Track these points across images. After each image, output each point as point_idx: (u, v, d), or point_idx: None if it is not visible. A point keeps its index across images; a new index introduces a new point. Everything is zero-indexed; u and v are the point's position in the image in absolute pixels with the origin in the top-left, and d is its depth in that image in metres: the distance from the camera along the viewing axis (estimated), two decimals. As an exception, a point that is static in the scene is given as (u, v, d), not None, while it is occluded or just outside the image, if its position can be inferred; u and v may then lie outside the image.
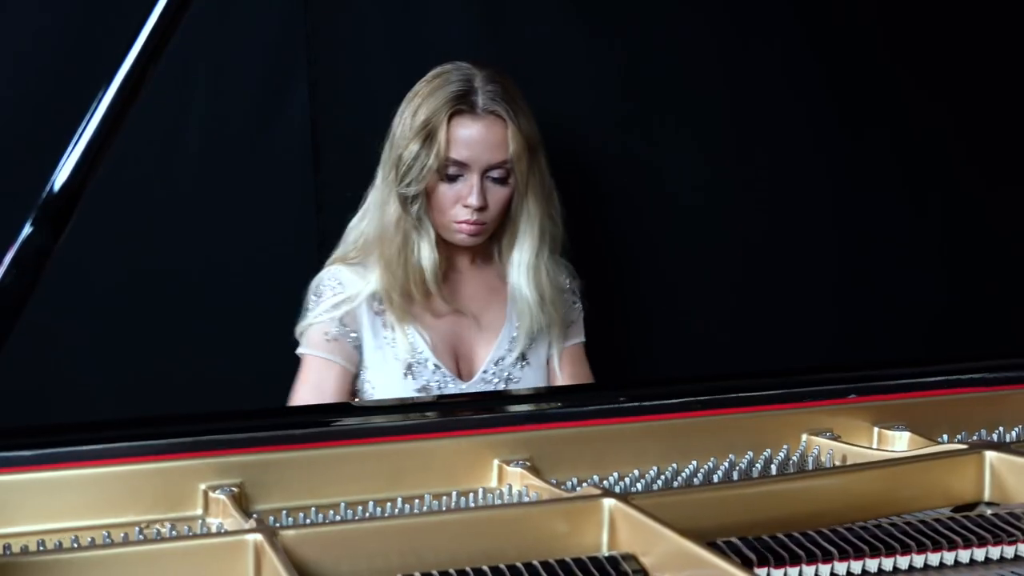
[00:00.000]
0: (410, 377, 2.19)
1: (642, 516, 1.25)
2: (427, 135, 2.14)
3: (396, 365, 2.19)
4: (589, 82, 2.71)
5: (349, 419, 1.60)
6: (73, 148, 1.10)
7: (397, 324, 2.19)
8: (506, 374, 2.26)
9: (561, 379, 2.34)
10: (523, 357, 2.29)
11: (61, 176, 1.08)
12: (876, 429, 1.70)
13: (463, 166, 2.16)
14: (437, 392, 2.18)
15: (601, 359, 2.44)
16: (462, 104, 2.15)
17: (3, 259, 1.05)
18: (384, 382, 2.20)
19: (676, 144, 2.78)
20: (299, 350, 2.21)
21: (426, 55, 2.51)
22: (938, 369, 1.79)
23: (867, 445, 1.67)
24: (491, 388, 2.24)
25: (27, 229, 1.06)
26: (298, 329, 2.23)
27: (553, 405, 1.66)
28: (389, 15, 2.55)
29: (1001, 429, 1.71)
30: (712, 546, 1.21)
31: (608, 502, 1.29)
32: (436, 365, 2.20)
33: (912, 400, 1.73)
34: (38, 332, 2.27)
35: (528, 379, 2.28)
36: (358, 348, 2.21)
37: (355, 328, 2.21)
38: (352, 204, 2.36)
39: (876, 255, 2.91)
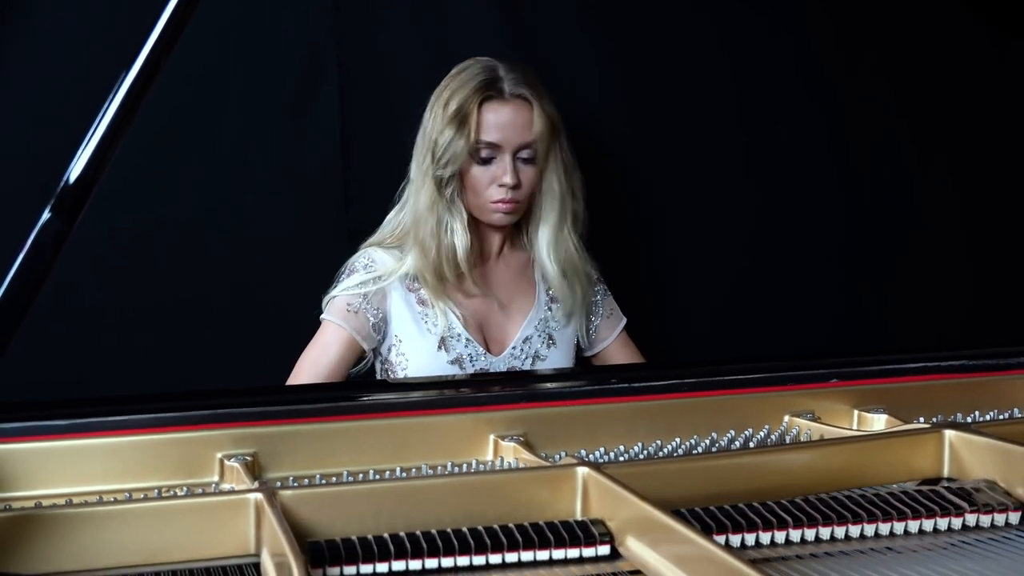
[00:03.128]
0: (443, 350, 2.30)
1: (612, 483, 1.36)
2: (460, 121, 2.27)
3: (430, 339, 2.31)
4: (607, 79, 2.81)
5: (357, 396, 1.71)
6: (88, 141, 1.21)
7: (433, 300, 2.31)
8: (534, 351, 2.38)
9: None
10: (550, 337, 2.41)
11: (76, 167, 1.20)
12: (856, 412, 1.79)
13: (495, 148, 2.29)
14: (470, 365, 2.30)
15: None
16: (491, 90, 2.29)
17: (25, 242, 1.16)
18: (418, 355, 2.31)
19: (687, 139, 2.88)
20: (321, 316, 2.33)
21: (450, 58, 2.63)
22: (918, 356, 1.87)
23: (847, 426, 1.77)
24: (519, 364, 2.35)
25: (45, 215, 1.19)
26: (324, 300, 2.35)
27: (548, 385, 1.76)
28: (415, 20, 2.66)
29: (977, 413, 1.79)
30: (676, 514, 1.32)
31: (582, 470, 1.40)
32: (468, 339, 2.32)
33: (892, 385, 1.82)
34: (81, 311, 2.43)
35: (554, 358, 2.40)
36: (377, 327, 2.32)
37: (380, 306, 2.32)
38: (381, 194, 2.49)
39: (878, 245, 3.00)
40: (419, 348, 2.32)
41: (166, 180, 2.50)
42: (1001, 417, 1.78)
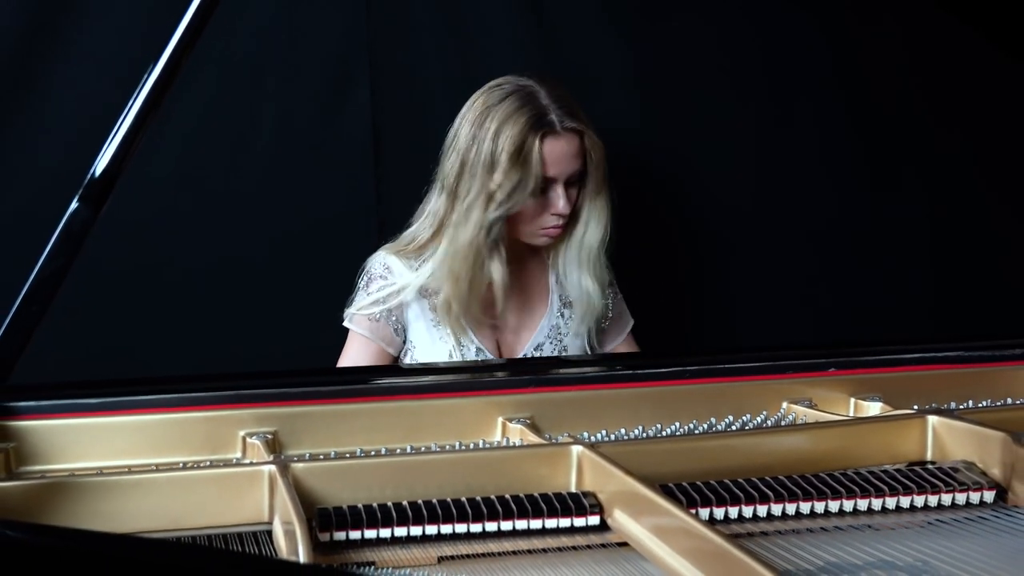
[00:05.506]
0: (456, 357, 2.36)
1: (603, 461, 1.44)
2: (522, 161, 2.25)
3: (442, 347, 2.37)
4: (631, 79, 2.89)
5: (372, 379, 1.80)
6: (113, 136, 1.31)
7: (453, 327, 2.33)
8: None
9: None
10: (562, 343, 2.45)
11: (102, 161, 1.30)
12: (852, 399, 1.86)
13: (552, 180, 2.31)
14: None
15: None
16: (545, 126, 2.26)
17: (55, 230, 1.27)
18: (432, 359, 2.38)
19: (708, 141, 2.96)
20: (346, 323, 2.40)
21: (478, 59, 2.73)
22: (914, 347, 1.94)
23: (843, 413, 1.84)
24: None
25: (74, 204, 1.29)
26: (348, 309, 2.40)
27: (555, 371, 1.85)
28: (444, 22, 2.75)
29: (970, 402, 1.86)
30: (663, 488, 1.40)
31: (576, 448, 1.49)
32: (479, 348, 2.37)
33: (888, 374, 1.89)
34: (118, 296, 2.55)
35: None
36: (398, 331, 2.39)
37: (399, 315, 2.37)
38: (410, 189, 2.57)
39: (893, 243, 3.07)
40: (432, 354, 2.37)
41: (203, 174, 2.62)
42: (996, 405, 1.85)
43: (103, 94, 2.41)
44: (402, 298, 2.36)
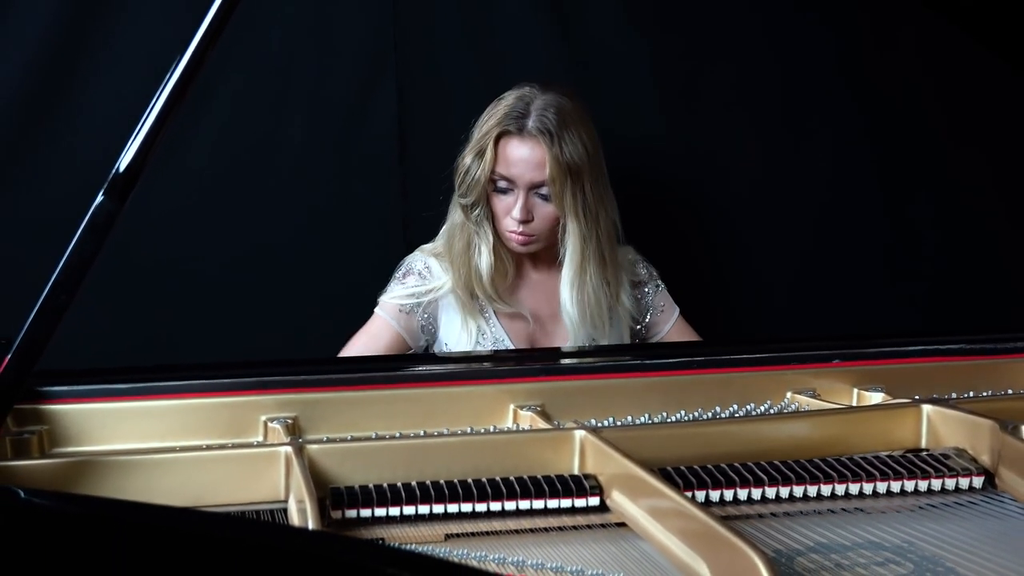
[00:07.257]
0: None
1: (604, 445, 1.51)
2: (479, 151, 2.32)
3: (478, 348, 2.41)
4: (653, 82, 2.94)
5: (390, 367, 1.87)
6: (137, 132, 1.38)
7: (467, 316, 2.39)
8: None
9: None
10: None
11: (126, 156, 1.37)
12: (855, 390, 1.91)
13: (510, 181, 2.33)
14: None
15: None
16: (511, 125, 2.30)
17: (80, 223, 1.34)
18: None
19: (719, 144, 3.01)
20: (376, 309, 2.45)
21: (502, 60, 2.80)
22: (917, 340, 1.99)
23: (846, 404, 1.89)
24: None
25: (99, 198, 1.36)
26: (381, 297, 2.45)
27: (565, 361, 1.91)
28: (469, 23, 2.81)
29: (971, 393, 1.90)
30: (661, 472, 1.47)
31: (579, 433, 1.55)
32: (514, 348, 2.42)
33: (891, 366, 1.93)
34: (159, 290, 2.64)
35: None
36: (426, 329, 2.43)
37: (431, 312, 2.43)
38: (434, 186, 2.64)
39: (909, 243, 3.12)
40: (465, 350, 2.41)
41: (231, 171, 2.69)
42: (995, 396, 1.89)
43: (136, 91, 2.48)
44: (436, 296, 2.41)
